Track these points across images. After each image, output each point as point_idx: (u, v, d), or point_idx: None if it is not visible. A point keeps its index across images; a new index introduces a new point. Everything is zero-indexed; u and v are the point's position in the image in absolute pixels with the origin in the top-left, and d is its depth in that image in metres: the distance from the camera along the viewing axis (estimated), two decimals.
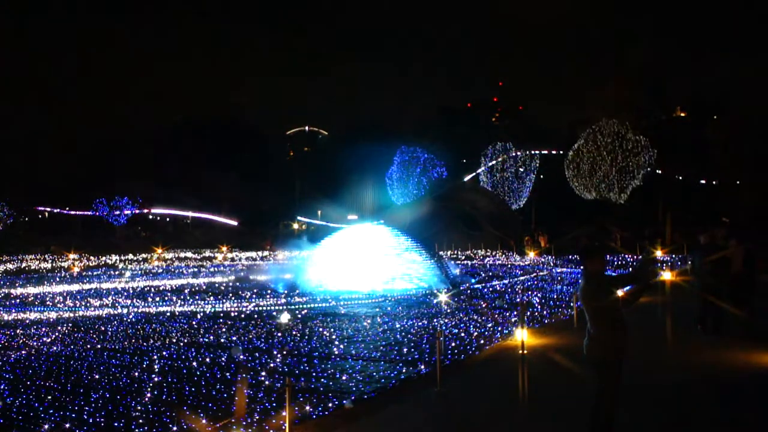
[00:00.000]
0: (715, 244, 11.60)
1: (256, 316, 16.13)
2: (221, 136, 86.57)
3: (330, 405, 7.61)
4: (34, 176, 79.07)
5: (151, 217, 78.61)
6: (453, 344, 11.08)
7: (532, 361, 8.60)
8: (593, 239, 39.46)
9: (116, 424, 7.12)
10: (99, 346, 11.99)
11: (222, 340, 12.39)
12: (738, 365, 9.15)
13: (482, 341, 11.44)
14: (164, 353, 11.19)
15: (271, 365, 9.97)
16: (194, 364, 10.22)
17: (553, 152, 65.79)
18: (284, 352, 11.01)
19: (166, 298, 21.08)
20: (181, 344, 12.06)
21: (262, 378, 9.09)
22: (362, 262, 22.36)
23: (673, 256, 30.56)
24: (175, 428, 6.90)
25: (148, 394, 8.34)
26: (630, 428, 6.39)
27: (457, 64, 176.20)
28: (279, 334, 12.89)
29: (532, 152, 59.39)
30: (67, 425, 7.11)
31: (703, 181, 55.36)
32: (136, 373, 9.61)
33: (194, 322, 15.08)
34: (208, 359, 10.58)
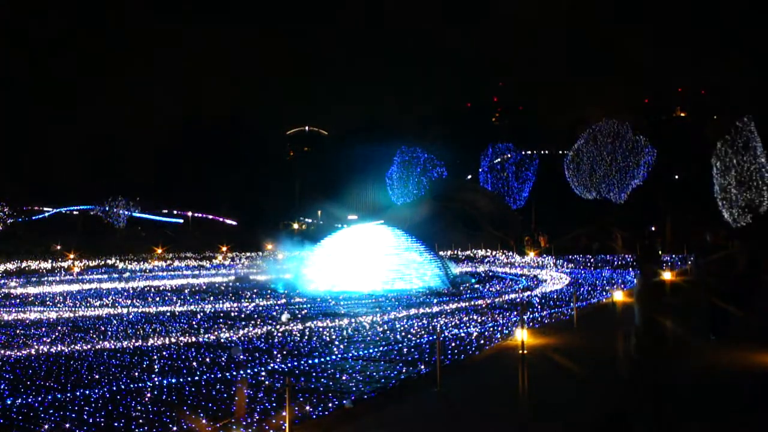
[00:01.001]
0: (718, 245, 11.55)
1: (255, 316, 16.13)
2: (221, 136, 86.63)
3: (330, 405, 7.61)
4: (35, 176, 79.13)
5: (150, 217, 78.58)
6: (453, 344, 11.08)
7: (532, 361, 8.60)
8: (593, 239, 39.50)
9: (116, 424, 7.12)
10: (99, 346, 11.99)
11: (222, 341, 12.39)
12: (739, 365, 9.13)
13: (482, 341, 11.44)
14: (164, 353, 11.19)
15: (272, 365, 9.97)
16: (194, 364, 10.23)
17: (553, 152, 65.80)
18: (284, 352, 11.01)
19: (166, 298, 21.09)
20: (181, 344, 12.06)
21: (262, 378, 9.09)
22: (362, 262, 22.37)
23: (673, 255, 30.56)
24: (175, 428, 6.90)
25: (148, 394, 8.34)
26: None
27: (457, 64, 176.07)
28: (278, 334, 12.89)
29: (532, 152, 59.40)
30: (67, 425, 7.11)
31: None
32: (136, 373, 9.61)
33: (194, 322, 15.08)
34: (208, 359, 10.59)
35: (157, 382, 8.96)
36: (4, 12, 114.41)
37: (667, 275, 11.30)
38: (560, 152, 59.82)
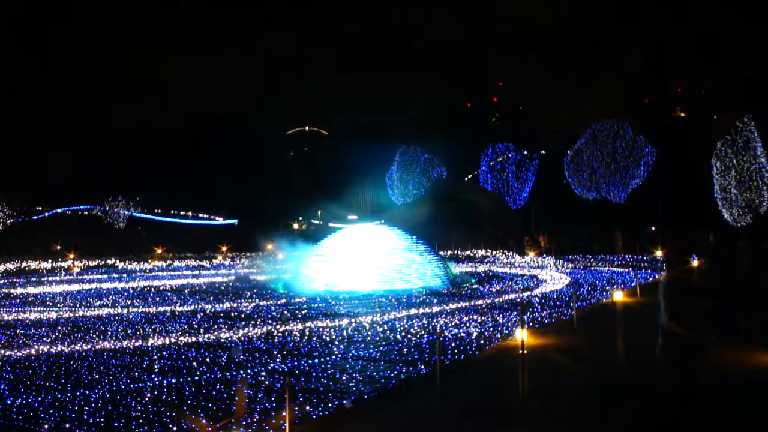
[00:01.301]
0: (720, 245, 11.52)
1: (255, 316, 16.13)
2: (221, 136, 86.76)
3: (330, 405, 7.61)
4: (34, 176, 79.12)
5: (150, 217, 78.64)
6: (453, 344, 11.07)
7: (532, 361, 8.59)
8: (593, 239, 39.49)
9: (116, 424, 7.12)
10: (99, 346, 11.99)
11: (222, 340, 12.39)
12: (740, 366, 9.13)
13: (482, 341, 11.44)
14: (164, 353, 11.19)
15: (272, 365, 9.97)
16: (194, 364, 10.23)
17: (553, 152, 65.73)
18: (284, 352, 11.01)
19: (166, 298, 21.10)
20: (181, 344, 12.06)
21: (262, 378, 9.09)
22: (362, 262, 22.37)
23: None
24: (175, 428, 6.90)
25: (148, 394, 8.34)
26: (629, 429, 6.39)
27: (457, 63, 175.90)
28: (278, 334, 12.89)
29: (532, 152, 59.38)
30: (67, 425, 7.11)
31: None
32: (136, 373, 9.61)
33: (194, 322, 15.08)
34: (208, 359, 10.58)
35: (157, 382, 8.96)
36: (4, 11, 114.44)
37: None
38: (560, 152, 59.81)
